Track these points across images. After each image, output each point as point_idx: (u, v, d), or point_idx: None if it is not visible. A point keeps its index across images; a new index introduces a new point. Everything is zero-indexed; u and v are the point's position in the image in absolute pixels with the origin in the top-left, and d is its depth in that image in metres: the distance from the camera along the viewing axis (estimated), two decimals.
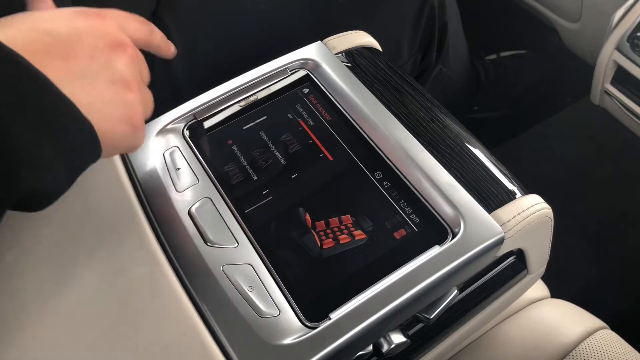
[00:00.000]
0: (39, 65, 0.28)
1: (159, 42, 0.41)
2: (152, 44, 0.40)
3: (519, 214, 0.42)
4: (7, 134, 0.27)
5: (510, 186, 0.44)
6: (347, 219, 0.41)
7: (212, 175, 0.44)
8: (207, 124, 0.48)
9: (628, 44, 0.72)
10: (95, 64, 0.32)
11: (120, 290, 0.38)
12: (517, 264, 0.47)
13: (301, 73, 0.51)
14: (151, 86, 0.63)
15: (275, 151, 0.46)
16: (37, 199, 0.31)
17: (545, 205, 0.43)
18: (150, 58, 0.63)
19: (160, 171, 0.44)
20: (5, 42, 0.28)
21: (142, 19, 0.39)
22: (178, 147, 0.46)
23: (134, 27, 0.38)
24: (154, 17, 0.65)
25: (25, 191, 0.29)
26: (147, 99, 0.37)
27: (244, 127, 0.48)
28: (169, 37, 0.63)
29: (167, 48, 0.42)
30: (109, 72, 0.32)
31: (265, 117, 0.48)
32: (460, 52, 0.92)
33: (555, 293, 0.62)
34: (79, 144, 0.30)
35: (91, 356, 0.36)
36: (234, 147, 0.46)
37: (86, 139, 0.31)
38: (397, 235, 0.40)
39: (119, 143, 0.34)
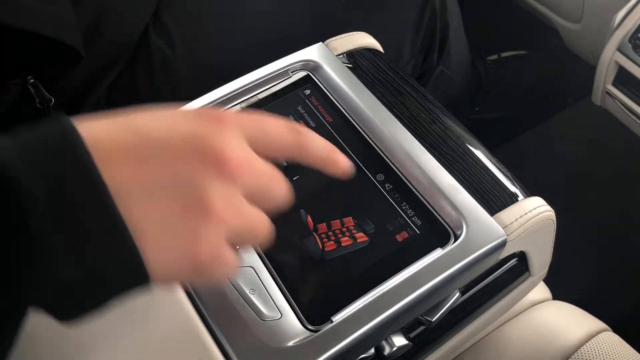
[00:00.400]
0: (105, 166, 0.24)
1: (314, 157, 0.32)
2: (303, 159, 0.32)
3: (521, 217, 0.41)
4: (30, 235, 0.23)
5: (513, 188, 0.44)
6: (349, 221, 0.41)
7: None
8: None
9: (630, 45, 0.72)
10: (170, 175, 0.26)
11: None
12: (519, 266, 0.47)
13: (302, 74, 0.51)
14: (152, 87, 0.63)
15: None
16: (54, 314, 0.26)
17: (548, 207, 0.43)
18: (150, 58, 0.63)
19: None
20: (89, 133, 0.24)
21: (290, 125, 0.31)
22: None
23: (269, 137, 0.30)
24: (155, 18, 0.65)
25: (35, 301, 0.25)
26: (249, 226, 0.28)
27: None
28: (169, 38, 0.63)
29: (332, 164, 0.33)
30: (185, 189, 0.26)
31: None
32: (461, 53, 0.92)
33: (557, 295, 0.62)
34: (117, 269, 0.25)
35: (91, 357, 0.36)
36: None
37: (127, 264, 0.25)
38: (399, 237, 0.40)
39: (171, 276, 0.27)
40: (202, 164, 0.26)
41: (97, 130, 0.25)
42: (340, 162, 0.34)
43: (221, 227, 0.27)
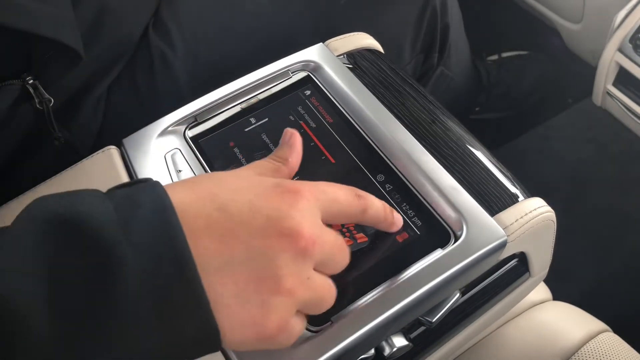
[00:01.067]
0: (192, 240, 0.26)
1: (375, 220, 0.35)
2: (364, 222, 0.35)
3: (521, 217, 0.41)
4: (124, 304, 0.25)
5: (513, 189, 0.44)
6: None
7: None
8: (209, 126, 0.48)
9: (630, 45, 0.72)
10: (249, 252, 0.27)
11: None
12: (520, 267, 0.47)
13: (303, 75, 0.51)
14: (152, 87, 0.63)
15: None
16: None
17: (548, 208, 0.43)
18: (150, 58, 0.63)
19: (161, 173, 0.44)
20: (178, 206, 0.26)
21: (354, 191, 0.34)
22: (179, 150, 0.46)
23: (339, 208, 0.32)
24: (155, 18, 0.65)
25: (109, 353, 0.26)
26: (318, 297, 0.30)
27: (246, 129, 0.48)
28: (170, 38, 0.63)
29: (388, 225, 0.37)
30: (260, 264, 0.27)
31: (266, 119, 0.48)
32: (462, 54, 0.92)
33: (557, 295, 0.62)
34: (194, 339, 0.26)
35: None
36: (236, 149, 0.46)
37: (203, 336, 0.26)
38: (399, 238, 0.40)
39: (242, 343, 0.29)
40: (280, 241, 0.28)
41: (185, 202, 0.27)
42: (396, 221, 0.38)
43: (291, 301, 0.28)
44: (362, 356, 0.38)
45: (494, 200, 0.43)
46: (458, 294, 0.41)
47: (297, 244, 0.28)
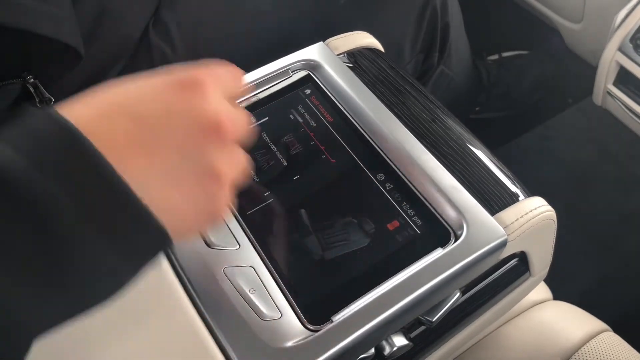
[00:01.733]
0: (118, 163, 0.25)
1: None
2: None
3: (522, 217, 0.41)
4: (72, 239, 0.24)
5: (513, 188, 0.44)
6: (350, 220, 0.41)
7: None
8: None
9: (631, 45, 0.72)
10: (183, 157, 0.28)
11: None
12: (520, 266, 0.47)
13: (303, 74, 0.51)
14: None
15: (277, 152, 0.45)
16: (97, 296, 0.28)
17: (549, 207, 0.43)
18: (150, 58, 0.63)
19: None
20: (88, 128, 0.25)
21: (232, 70, 0.34)
22: None
23: (232, 85, 0.33)
24: (155, 17, 0.65)
25: (80, 290, 0.26)
26: (242, 170, 0.32)
27: None
28: (170, 38, 0.63)
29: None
30: (197, 165, 0.28)
31: (266, 118, 0.48)
32: (462, 53, 0.92)
33: (557, 295, 0.62)
34: (148, 248, 0.27)
35: (91, 357, 0.36)
36: None
37: (157, 242, 0.27)
38: (399, 237, 0.40)
39: (194, 232, 0.31)
40: (205, 135, 0.28)
41: (94, 122, 0.25)
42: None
43: (228, 180, 0.30)
44: (362, 355, 0.38)
45: (494, 200, 0.42)
46: (458, 294, 0.41)
47: (220, 132, 0.29)
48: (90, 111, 0.26)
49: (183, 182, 0.28)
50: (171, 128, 0.28)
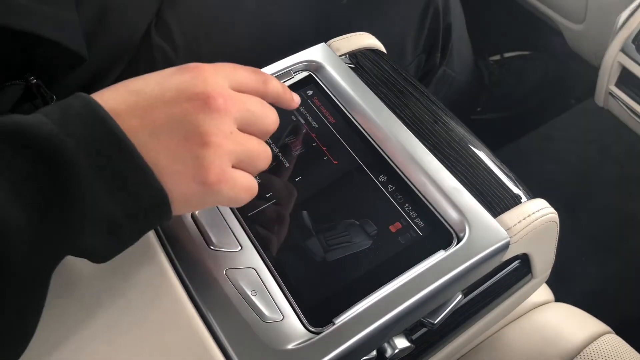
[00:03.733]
0: (119, 123, 0.30)
1: (275, 92, 0.39)
2: (267, 94, 0.38)
3: (524, 219, 0.41)
4: (80, 189, 0.28)
5: (516, 190, 0.44)
6: (352, 222, 0.41)
7: None
8: None
9: (633, 46, 0.71)
10: (170, 119, 0.32)
11: (122, 293, 0.38)
12: (522, 268, 0.47)
13: (305, 75, 0.51)
14: None
15: (279, 154, 0.45)
16: (97, 254, 0.32)
17: (551, 209, 0.43)
18: (152, 58, 0.63)
19: None
20: (103, 103, 0.30)
21: (253, 69, 0.38)
22: None
23: (240, 77, 0.36)
24: (157, 18, 0.65)
25: (86, 245, 0.31)
26: (248, 151, 0.34)
27: None
28: (171, 38, 0.63)
29: (288, 98, 0.41)
30: (183, 126, 0.32)
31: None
32: (464, 54, 0.91)
33: (559, 297, 0.62)
34: (148, 205, 0.31)
35: (90, 358, 0.35)
36: None
37: (155, 200, 0.31)
38: (401, 239, 0.40)
39: (191, 201, 0.33)
40: (194, 105, 0.32)
41: (105, 98, 0.31)
42: (295, 97, 0.42)
43: (221, 152, 0.32)
44: (364, 357, 0.38)
45: (497, 201, 0.42)
46: (460, 296, 0.41)
47: (209, 103, 0.32)
48: (106, 91, 0.32)
49: (169, 139, 0.31)
50: (163, 98, 0.32)
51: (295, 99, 0.42)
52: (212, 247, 0.39)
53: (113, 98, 0.32)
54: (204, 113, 0.32)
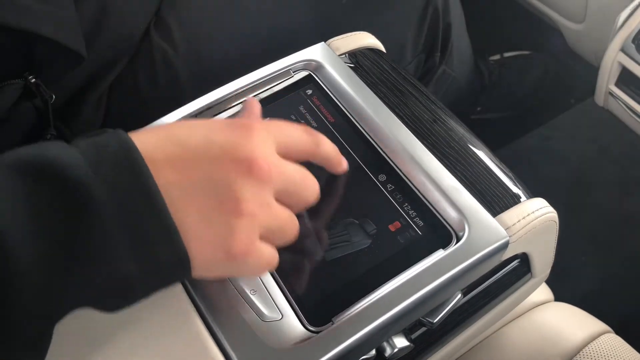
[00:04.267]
0: (154, 173, 0.28)
1: (327, 155, 0.38)
2: (318, 157, 0.37)
3: (523, 218, 0.41)
4: (103, 239, 0.27)
5: (515, 189, 0.44)
6: (351, 221, 0.41)
7: None
8: None
9: (633, 45, 0.71)
10: (207, 178, 0.30)
11: None
12: (521, 267, 0.47)
13: (304, 74, 0.50)
14: (153, 87, 0.62)
15: None
16: (104, 306, 0.30)
17: (550, 209, 0.43)
18: (151, 58, 0.63)
19: None
20: (139, 146, 0.28)
21: (307, 129, 0.37)
22: None
23: (291, 139, 0.35)
24: (157, 17, 0.65)
25: (94, 296, 0.29)
26: (280, 224, 0.33)
27: None
28: (171, 38, 0.63)
29: (338, 163, 0.39)
30: (220, 189, 0.30)
31: (267, 118, 0.48)
32: (464, 53, 0.91)
33: (559, 296, 0.62)
34: (166, 264, 0.29)
35: (90, 357, 0.35)
36: None
37: (176, 261, 0.29)
38: (400, 238, 0.40)
39: (212, 267, 0.31)
40: (236, 168, 0.30)
41: (145, 142, 0.29)
42: (343, 162, 0.41)
43: (254, 223, 0.30)
44: (364, 357, 0.38)
45: (496, 201, 0.42)
46: (459, 295, 0.41)
47: (252, 170, 0.30)
48: (148, 135, 0.30)
49: (202, 200, 0.29)
50: (206, 154, 0.30)
51: (343, 164, 0.40)
52: None
53: (153, 144, 0.30)
54: (245, 179, 0.30)
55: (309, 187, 0.35)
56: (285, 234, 0.34)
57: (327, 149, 0.38)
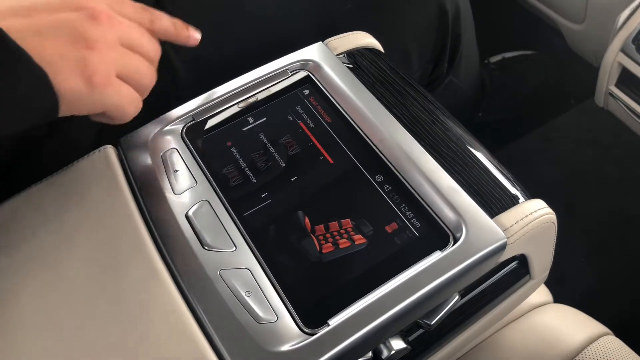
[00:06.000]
0: (1, 23, 0.32)
1: (165, 28, 0.41)
2: (156, 31, 0.40)
3: (522, 219, 0.41)
4: None
5: (513, 190, 0.43)
6: (347, 223, 0.40)
7: (210, 178, 0.44)
8: (206, 125, 0.48)
9: (633, 46, 0.71)
10: (56, 22, 0.34)
11: (116, 294, 0.37)
12: (520, 269, 0.46)
13: (302, 74, 0.50)
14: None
15: (275, 153, 0.45)
16: None
17: (549, 210, 0.43)
18: None
19: (157, 173, 0.44)
20: None
21: (140, 5, 0.40)
22: (176, 149, 0.46)
23: (125, 11, 0.38)
24: None
25: None
26: (133, 66, 0.37)
27: (243, 129, 0.47)
28: None
29: (183, 35, 0.43)
30: (68, 30, 0.34)
31: (264, 118, 0.48)
32: (471, 63, 0.90)
33: (558, 298, 0.62)
34: (32, 88, 0.32)
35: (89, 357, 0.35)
36: (233, 149, 0.46)
37: (39, 85, 0.32)
38: (397, 240, 0.39)
39: (77, 98, 0.34)
40: (79, 16, 0.34)
41: None
42: (191, 33, 0.45)
43: (107, 58, 0.35)
44: (360, 359, 0.38)
45: (494, 202, 0.42)
46: (457, 297, 0.41)
47: (94, 15, 0.35)
48: None
49: (55, 41, 0.33)
50: (49, 5, 0.34)
51: (192, 35, 0.44)
52: (206, 248, 0.39)
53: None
54: (90, 23, 0.34)
55: (149, 41, 0.39)
56: (141, 78, 0.38)
57: (164, 24, 0.42)
